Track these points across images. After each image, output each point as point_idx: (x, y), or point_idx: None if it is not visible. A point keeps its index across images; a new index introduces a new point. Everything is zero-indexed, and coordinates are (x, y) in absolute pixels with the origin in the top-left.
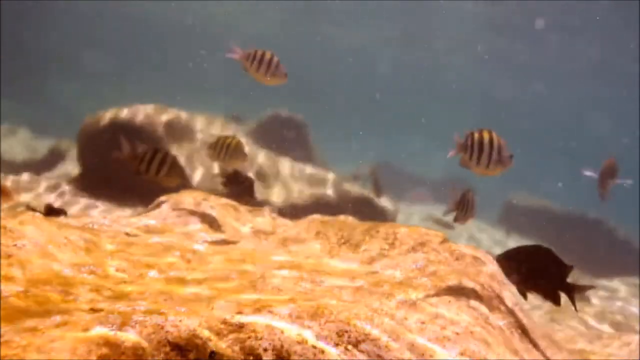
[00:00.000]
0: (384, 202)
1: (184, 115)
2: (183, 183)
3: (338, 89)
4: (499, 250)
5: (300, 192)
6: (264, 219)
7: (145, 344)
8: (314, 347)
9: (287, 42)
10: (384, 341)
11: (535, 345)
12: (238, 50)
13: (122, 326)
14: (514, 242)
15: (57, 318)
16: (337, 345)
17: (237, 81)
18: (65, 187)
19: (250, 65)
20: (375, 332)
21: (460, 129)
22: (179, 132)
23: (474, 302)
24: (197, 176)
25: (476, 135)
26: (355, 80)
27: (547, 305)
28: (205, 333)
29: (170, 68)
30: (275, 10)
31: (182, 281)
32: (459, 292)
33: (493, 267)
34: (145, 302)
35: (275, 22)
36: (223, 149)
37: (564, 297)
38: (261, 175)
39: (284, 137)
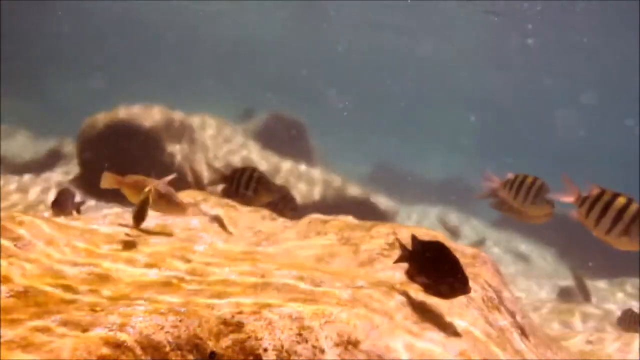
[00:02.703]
0: (384, 202)
1: (184, 115)
2: (272, 199)
3: (338, 89)
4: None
5: (301, 192)
6: (264, 219)
7: (145, 344)
8: (314, 347)
9: (287, 42)
10: (384, 341)
11: (535, 346)
12: (494, 178)
13: (122, 326)
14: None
15: (57, 318)
16: (337, 345)
17: (237, 81)
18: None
19: (508, 193)
20: (375, 332)
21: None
22: (180, 132)
23: (474, 302)
24: (205, 177)
25: (606, 196)
26: (354, 81)
27: (548, 305)
28: (205, 333)
29: (172, 68)
30: (276, 9)
31: (182, 281)
32: None
33: (493, 267)
34: (145, 303)
35: (275, 21)
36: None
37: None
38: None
39: (284, 137)
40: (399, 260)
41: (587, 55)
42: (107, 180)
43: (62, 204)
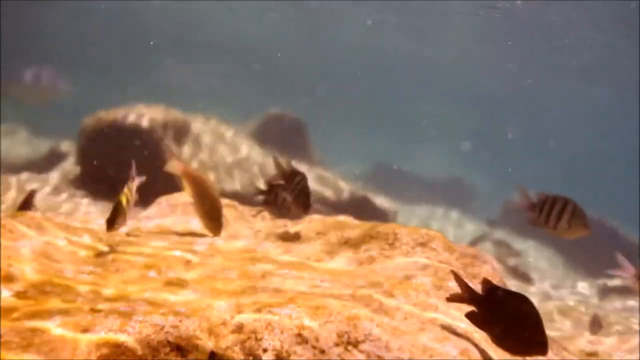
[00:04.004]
0: (384, 202)
1: (184, 116)
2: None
3: (338, 88)
4: None
5: None
6: (264, 219)
7: (145, 344)
8: (314, 347)
9: (286, 41)
10: (384, 341)
11: None
12: (629, 268)
13: (122, 326)
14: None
15: (57, 318)
16: (337, 345)
17: (237, 81)
18: (65, 187)
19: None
20: (375, 332)
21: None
22: (179, 132)
23: None
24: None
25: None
26: (354, 80)
27: (547, 305)
28: (205, 333)
29: (171, 68)
30: (276, 8)
31: (182, 281)
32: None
33: (493, 267)
34: (145, 303)
35: (275, 20)
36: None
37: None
38: (261, 175)
39: (283, 136)
40: (457, 299)
41: (588, 53)
42: (173, 166)
43: (24, 206)
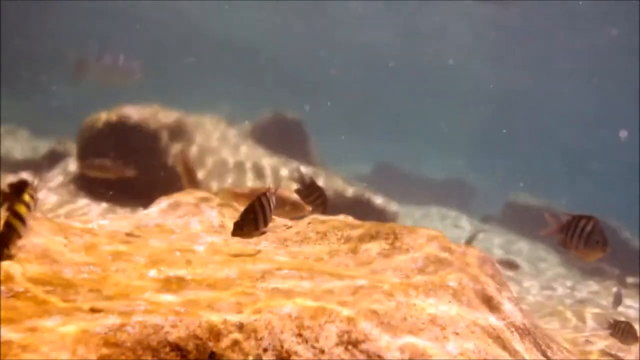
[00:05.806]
0: (384, 202)
1: (184, 116)
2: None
3: (337, 88)
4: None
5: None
6: None
7: (145, 344)
8: (314, 347)
9: (285, 41)
10: (384, 341)
11: (535, 345)
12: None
13: (122, 326)
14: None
15: (57, 318)
16: (337, 345)
17: (236, 81)
18: (65, 187)
19: None
20: (375, 332)
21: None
22: (179, 133)
23: (474, 302)
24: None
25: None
26: (354, 80)
27: (547, 305)
28: (205, 333)
29: (171, 69)
30: (274, 7)
31: (182, 281)
32: (459, 292)
33: (493, 267)
34: (145, 303)
35: (274, 20)
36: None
37: None
38: (260, 175)
39: (283, 137)
40: None
41: (588, 51)
42: (225, 195)
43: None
